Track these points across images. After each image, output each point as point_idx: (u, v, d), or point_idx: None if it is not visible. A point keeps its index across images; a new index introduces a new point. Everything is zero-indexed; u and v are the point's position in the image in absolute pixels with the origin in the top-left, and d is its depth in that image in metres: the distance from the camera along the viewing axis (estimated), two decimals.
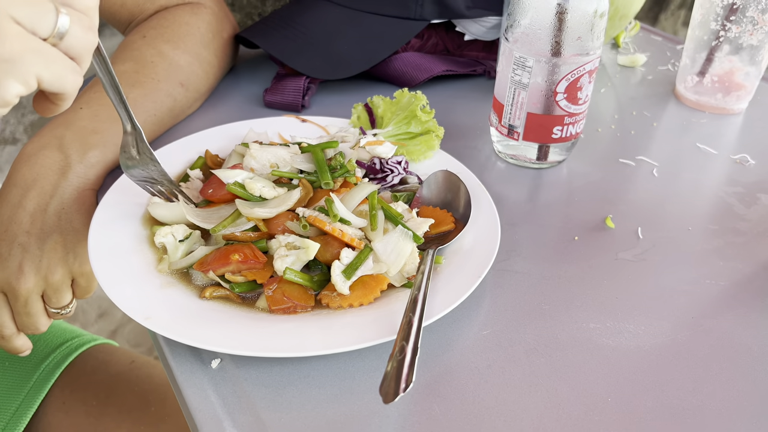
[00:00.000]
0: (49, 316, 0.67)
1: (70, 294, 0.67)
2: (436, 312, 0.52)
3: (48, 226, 0.62)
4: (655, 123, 0.87)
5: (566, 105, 0.70)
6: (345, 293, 0.54)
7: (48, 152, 0.63)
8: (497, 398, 0.49)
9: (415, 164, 0.71)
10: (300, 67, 0.84)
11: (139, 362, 0.86)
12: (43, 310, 0.65)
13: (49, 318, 0.67)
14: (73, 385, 0.81)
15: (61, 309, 0.67)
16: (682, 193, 0.73)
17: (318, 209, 0.58)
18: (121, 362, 0.85)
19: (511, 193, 0.72)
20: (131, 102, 0.70)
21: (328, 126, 0.76)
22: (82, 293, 0.68)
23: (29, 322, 0.65)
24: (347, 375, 0.51)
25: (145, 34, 0.77)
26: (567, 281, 0.60)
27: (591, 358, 0.53)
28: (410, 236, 0.56)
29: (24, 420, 0.76)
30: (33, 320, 0.64)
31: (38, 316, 0.65)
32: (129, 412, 0.79)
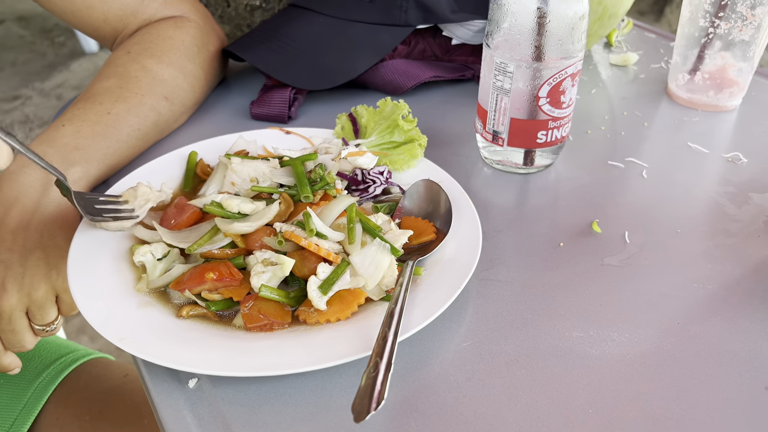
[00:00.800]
0: (35, 333, 0.67)
1: (54, 311, 0.67)
2: (414, 325, 0.51)
3: (30, 243, 0.63)
4: (646, 123, 0.86)
5: (550, 109, 0.69)
6: (322, 309, 0.53)
7: (30, 170, 0.64)
8: (476, 412, 0.49)
9: (399, 174, 0.71)
10: (286, 79, 0.84)
11: (133, 375, 0.86)
12: (28, 328, 0.65)
13: (36, 335, 0.67)
14: (67, 400, 0.81)
15: (47, 326, 0.67)
16: (671, 195, 0.72)
17: (296, 224, 0.58)
18: (115, 376, 0.85)
19: (497, 200, 0.71)
20: (115, 117, 0.70)
21: (313, 137, 0.76)
22: (67, 310, 0.68)
23: (14, 339, 0.65)
24: (324, 392, 0.50)
25: (129, 50, 0.77)
26: (551, 289, 0.60)
27: (573, 369, 0.52)
28: (388, 249, 0.56)
29: None
30: (18, 338, 0.65)
31: (23, 334, 0.65)
32: (122, 425, 0.79)
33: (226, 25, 1.10)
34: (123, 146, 0.71)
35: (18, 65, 3.39)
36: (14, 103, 3.07)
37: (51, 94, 3.12)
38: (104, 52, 3.43)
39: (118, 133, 0.70)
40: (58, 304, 0.67)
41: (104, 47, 3.46)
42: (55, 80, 3.24)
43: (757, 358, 0.53)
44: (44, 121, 2.91)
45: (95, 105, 0.70)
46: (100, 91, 0.72)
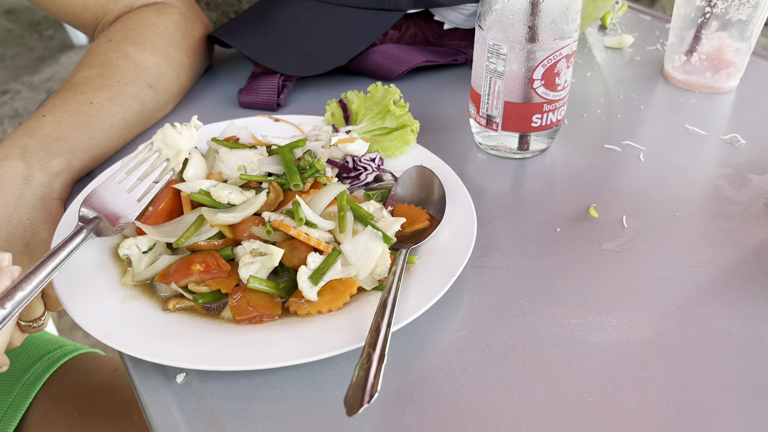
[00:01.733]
0: (21, 329, 0.65)
1: (41, 306, 0.65)
2: (407, 315, 0.50)
3: (13, 237, 0.61)
4: (642, 105, 0.84)
5: (544, 92, 0.68)
6: (313, 299, 0.52)
7: (10, 162, 0.62)
8: (472, 403, 0.47)
9: (391, 160, 0.69)
10: (273, 65, 0.82)
11: (123, 370, 0.85)
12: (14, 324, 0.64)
13: (22, 332, 0.66)
14: (55, 397, 0.79)
15: (33, 322, 0.65)
16: (669, 178, 0.71)
17: (285, 213, 0.56)
18: (104, 371, 0.84)
19: (492, 186, 0.70)
20: (97, 107, 0.68)
21: (302, 124, 0.74)
22: (54, 305, 0.66)
23: None
24: (316, 385, 0.49)
25: (111, 37, 0.75)
26: (548, 276, 0.58)
27: (571, 356, 0.51)
28: (380, 237, 0.54)
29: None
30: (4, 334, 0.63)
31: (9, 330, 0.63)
32: (111, 422, 0.78)
33: (213, 12, 1.07)
34: (107, 136, 0.69)
35: (6, 59, 3.35)
36: (3, 97, 3.03)
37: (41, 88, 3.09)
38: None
39: (101, 122, 0.68)
40: (44, 299, 0.65)
41: None
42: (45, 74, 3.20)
43: (758, 343, 0.51)
44: None
45: (77, 94, 0.68)
46: (80, 81, 0.69)
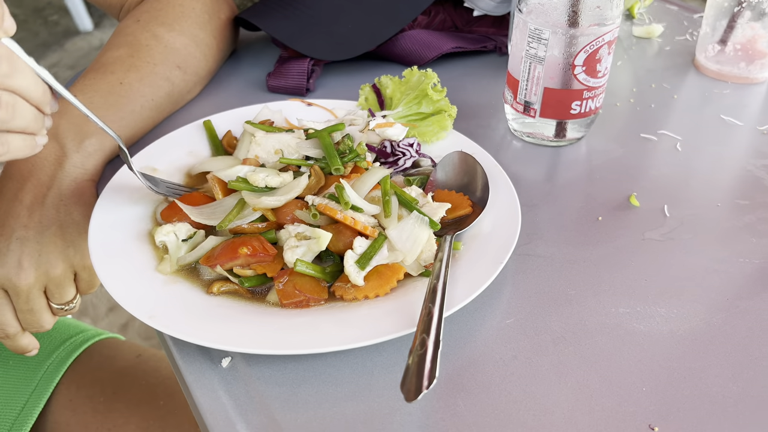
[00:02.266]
0: (53, 312, 0.65)
1: (73, 289, 0.64)
2: (457, 301, 0.49)
3: (46, 219, 0.60)
4: (675, 95, 0.83)
5: (585, 78, 0.67)
6: (359, 284, 0.51)
7: None
8: (525, 391, 0.46)
9: (428, 146, 0.68)
10: (303, 49, 0.81)
11: (146, 356, 0.84)
12: (46, 307, 0.63)
13: (54, 315, 0.65)
14: (79, 381, 0.79)
15: (65, 305, 0.64)
16: (708, 168, 0.70)
17: (328, 196, 0.55)
18: (127, 356, 0.83)
19: (528, 173, 0.69)
20: (127, 87, 0.67)
21: (335, 109, 0.73)
22: (86, 288, 0.66)
23: (32, 319, 0.63)
24: (365, 371, 0.48)
25: (138, 18, 0.74)
26: (592, 264, 0.57)
27: (622, 346, 0.50)
28: (426, 222, 0.53)
29: (30, 419, 0.74)
30: (36, 317, 0.62)
31: (41, 313, 0.62)
32: (137, 406, 0.77)
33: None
34: (137, 117, 0.68)
35: None
36: None
37: None
38: (99, 31, 3.36)
39: (132, 103, 0.67)
40: (76, 282, 0.64)
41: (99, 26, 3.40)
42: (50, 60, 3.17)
43: None
44: None
45: (106, 75, 0.67)
46: (110, 61, 0.68)
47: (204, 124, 0.69)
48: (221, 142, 0.68)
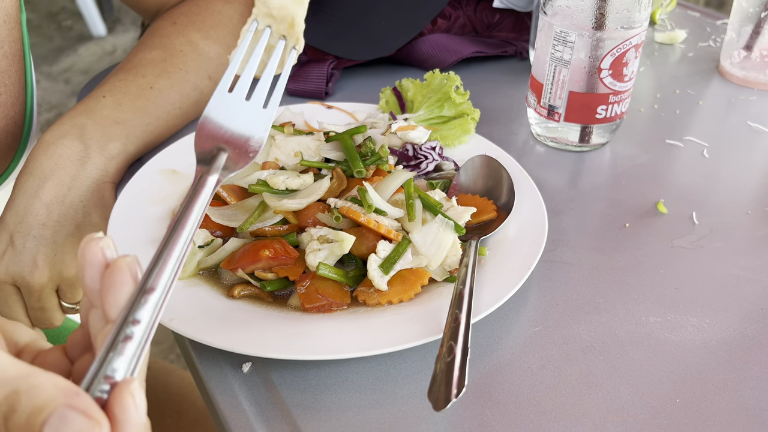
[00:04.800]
0: (63, 311, 0.64)
1: None
2: (484, 308, 0.47)
3: (65, 219, 0.59)
4: (700, 101, 0.82)
5: (611, 82, 0.65)
6: (383, 289, 0.49)
7: (67, 141, 0.60)
8: (554, 401, 0.45)
9: (450, 149, 0.67)
10: (340, 52, 0.80)
11: (155, 369, 0.83)
12: (57, 305, 0.62)
13: (64, 313, 0.64)
14: None
15: (76, 304, 0.64)
16: (736, 175, 0.68)
17: (350, 199, 0.54)
18: None
19: (552, 179, 0.68)
20: (157, 92, 0.66)
21: (356, 112, 0.72)
22: None
23: (43, 317, 0.62)
24: (389, 378, 0.47)
25: (175, 20, 0.73)
26: (621, 272, 0.56)
27: (653, 355, 0.48)
28: (451, 226, 0.52)
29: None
30: (47, 315, 0.62)
31: (52, 311, 0.62)
32: None
33: None
34: (163, 124, 0.67)
35: None
36: None
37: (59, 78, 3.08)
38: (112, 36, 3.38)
39: (159, 110, 0.66)
40: None
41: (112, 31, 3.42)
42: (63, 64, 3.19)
43: None
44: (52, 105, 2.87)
45: (137, 77, 0.66)
46: (142, 63, 0.67)
47: None
48: None
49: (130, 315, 0.29)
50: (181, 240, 0.32)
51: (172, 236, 0.32)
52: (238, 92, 0.41)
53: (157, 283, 0.30)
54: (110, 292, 0.29)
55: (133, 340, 0.28)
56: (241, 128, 0.40)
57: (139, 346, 0.28)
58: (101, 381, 0.27)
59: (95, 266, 0.30)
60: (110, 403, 0.27)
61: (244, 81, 0.42)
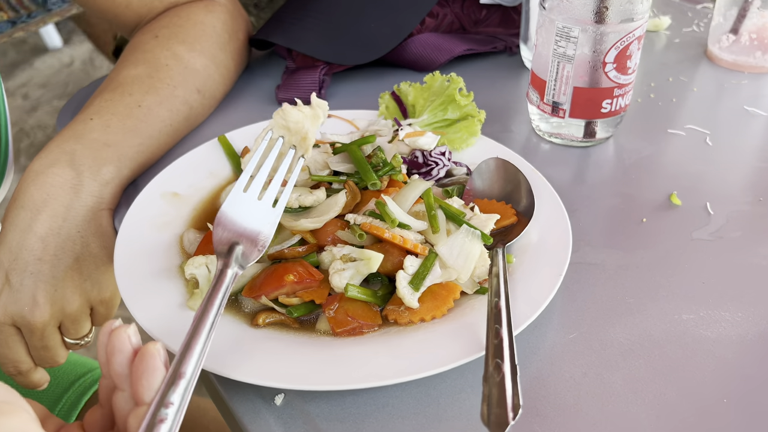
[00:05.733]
0: (66, 347, 0.61)
1: (89, 323, 0.61)
2: (522, 319, 0.46)
3: (62, 252, 0.56)
4: (695, 88, 0.82)
5: (616, 76, 0.65)
6: (414, 306, 0.48)
7: (58, 170, 0.56)
8: (602, 411, 0.44)
9: (457, 153, 0.65)
10: (331, 58, 0.78)
11: None
12: (60, 343, 0.59)
13: (67, 349, 0.61)
14: None
15: (80, 339, 0.61)
16: (742, 161, 0.68)
17: (368, 214, 0.52)
18: None
19: (560, 177, 0.66)
20: (146, 111, 0.63)
21: (355, 119, 0.70)
22: (102, 320, 0.62)
23: (47, 356, 0.59)
24: (430, 400, 0.45)
25: (157, 33, 0.70)
26: (645, 269, 0.55)
27: (693, 355, 0.48)
28: (478, 236, 0.51)
29: None
30: (51, 354, 0.59)
31: (56, 349, 0.59)
32: None
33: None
34: (154, 143, 0.64)
35: None
36: None
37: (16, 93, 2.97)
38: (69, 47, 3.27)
39: (150, 128, 0.63)
40: (92, 315, 0.60)
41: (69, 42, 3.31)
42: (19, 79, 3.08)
43: None
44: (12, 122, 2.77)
45: (124, 96, 0.63)
46: (128, 80, 0.64)
47: (219, 140, 0.66)
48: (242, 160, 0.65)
49: (164, 398, 0.33)
50: (205, 329, 0.38)
51: (198, 327, 0.38)
52: (252, 192, 0.49)
53: (187, 369, 0.35)
54: (144, 377, 0.33)
55: (166, 422, 0.32)
56: (252, 224, 0.47)
57: (171, 427, 0.32)
58: None
59: (124, 353, 0.33)
60: None
61: (257, 183, 0.49)
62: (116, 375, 0.33)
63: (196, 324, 0.38)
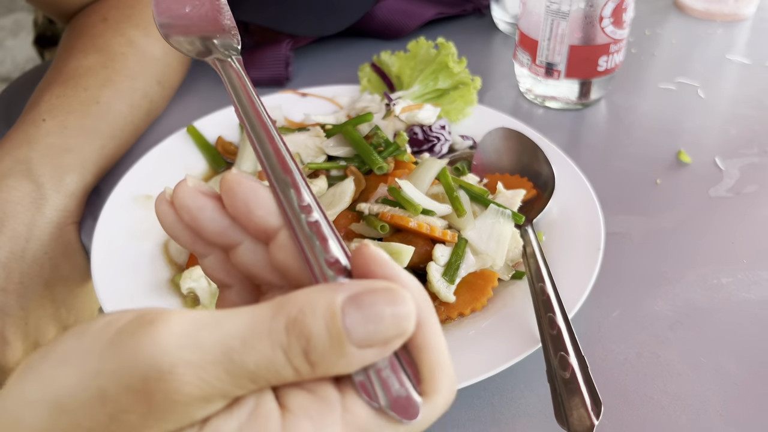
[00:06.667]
0: None
1: None
2: (572, 303, 0.42)
3: (29, 278, 0.48)
4: (673, 40, 0.79)
5: (612, 31, 0.61)
6: (451, 300, 0.43)
7: (13, 182, 0.48)
8: (666, 392, 0.41)
9: (454, 125, 0.60)
10: (296, 30, 0.71)
11: None
12: None
13: None
14: None
15: None
16: (739, 112, 0.66)
17: (381, 201, 0.47)
18: None
19: (558, 142, 0.62)
20: (105, 108, 0.55)
21: (336, 97, 0.64)
22: None
23: None
24: (483, 403, 0.41)
25: (106, 16, 0.61)
26: (672, 233, 0.52)
27: (741, 320, 0.45)
28: (508, 215, 0.46)
29: None
30: None
31: None
32: None
33: None
34: (117, 143, 0.56)
35: None
36: None
37: None
38: None
39: (110, 128, 0.55)
40: None
41: None
42: None
43: None
44: None
45: (78, 91, 0.54)
46: (80, 72, 0.55)
47: (188, 131, 0.58)
48: (216, 151, 0.58)
49: (294, 205, 0.24)
50: (267, 120, 0.26)
51: (255, 125, 0.26)
52: None
53: (287, 164, 0.25)
54: (255, 205, 0.24)
55: (321, 223, 0.23)
56: (202, 11, 0.32)
57: (328, 227, 0.23)
58: (334, 274, 0.22)
59: (208, 207, 0.24)
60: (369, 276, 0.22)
61: None
62: (217, 236, 0.25)
63: (251, 122, 0.26)
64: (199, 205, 0.24)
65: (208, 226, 0.24)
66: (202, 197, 0.24)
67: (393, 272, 0.21)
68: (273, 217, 0.24)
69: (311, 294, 0.20)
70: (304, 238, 0.23)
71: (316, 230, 0.23)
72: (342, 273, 0.22)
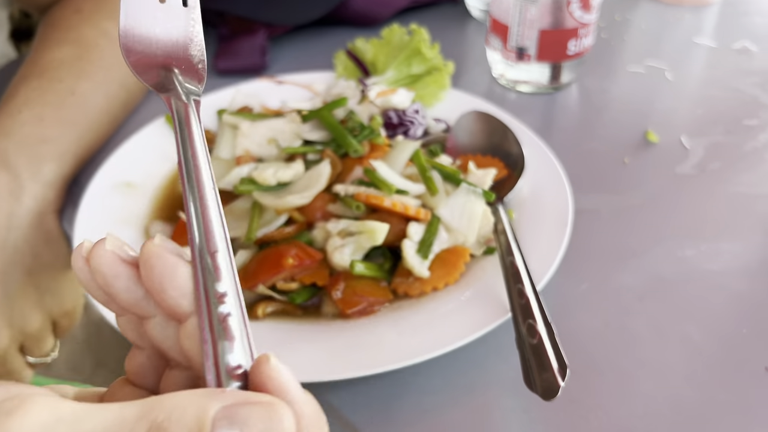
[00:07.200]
0: (30, 367, 0.54)
1: (52, 339, 0.54)
2: (540, 275, 0.44)
3: (11, 267, 0.48)
4: (642, 25, 0.81)
5: (580, 15, 0.63)
6: (424, 275, 0.44)
7: None
8: (634, 360, 0.43)
9: (428, 109, 0.61)
10: (271, 19, 0.72)
11: None
12: (24, 364, 0.53)
13: (31, 369, 0.54)
14: None
15: (45, 356, 0.54)
16: (704, 94, 0.68)
17: (357, 183, 0.48)
18: None
19: (532, 125, 0.64)
20: (81, 98, 0.55)
21: (313, 84, 0.65)
22: (64, 333, 0.55)
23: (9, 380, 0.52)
24: (459, 372, 0.42)
25: (79, 8, 0.61)
26: (639, 210, 0.54)
27: (704, 290, 0.47)
28: (479, 193, 0.48)
29: None
30: (15, 378, 0.52)
31: (20, 372, 0.52)
32: None
33: None
34: (94, 135, 0.56)
35: None
36: None
37: None
38: None
39: (87, 119, 0.56)
40: (54, 329, 0.54)
41: None
42: None
43: None
44: None
45: (53, 83, 0.54)
46: (54, 64, 0.56)
47: (167, 119, 0.59)
48: None
49: (209, 292, 0.22)
50: (207, 182, 0.24)
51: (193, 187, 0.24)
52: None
53: (215, 241, 0.23)
54: (167, 287, 0.22)
55: (232, 315, 0.22)
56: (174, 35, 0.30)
57: (240, 322, 0.22)
58: (229, 378, 0.21)
59: (123, 275, 0.23)
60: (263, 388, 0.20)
61: None
62: (130, 305, 0.23)
63: (189, 182, 0.24)
64: (115, 273, 0.22)
65: (121, 295, 0.23)
66: (119, 264, 0.22)
67: (285, 387, 0.20)
68: (186, 300, 0.22)
69: (185, 399, 0.19)
70: (210, 333, 0.21)
71: (222, 323, 0.21)
72: (238, 378, 0.21)
